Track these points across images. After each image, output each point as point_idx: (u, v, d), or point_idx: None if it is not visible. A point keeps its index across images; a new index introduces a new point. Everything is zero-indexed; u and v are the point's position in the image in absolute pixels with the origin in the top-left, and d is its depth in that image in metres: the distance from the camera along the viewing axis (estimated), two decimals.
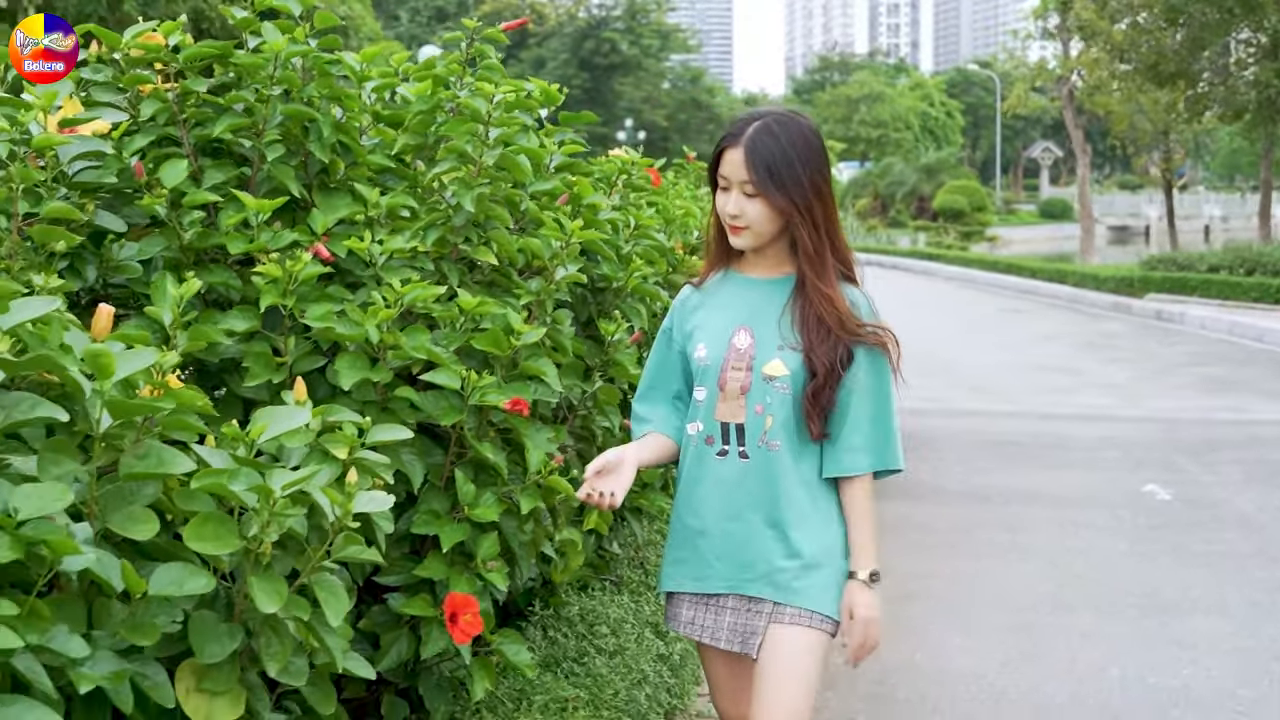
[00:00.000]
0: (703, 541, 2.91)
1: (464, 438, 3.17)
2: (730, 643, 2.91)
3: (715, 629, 2.93)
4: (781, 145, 2.78)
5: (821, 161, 2.85)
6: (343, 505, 2.45)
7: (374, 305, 3.03)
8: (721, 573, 2.90)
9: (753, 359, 2.86)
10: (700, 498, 2.92)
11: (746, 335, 2.89)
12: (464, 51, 3.58)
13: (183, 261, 3.26)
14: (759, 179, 2.76)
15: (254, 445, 2.49)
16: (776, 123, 2.82)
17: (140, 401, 2.32)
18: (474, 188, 3.36)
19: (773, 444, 2.84)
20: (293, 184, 3.33)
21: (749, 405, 2.85)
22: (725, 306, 2.96)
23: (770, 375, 2.84)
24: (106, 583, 2.18)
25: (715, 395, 2.88)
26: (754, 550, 2.86)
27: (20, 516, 2.01)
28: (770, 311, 2.90)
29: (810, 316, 2.84)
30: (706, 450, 2.90)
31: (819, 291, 2.83)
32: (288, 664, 2.44)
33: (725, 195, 2.85)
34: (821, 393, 2.81)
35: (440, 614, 3.01)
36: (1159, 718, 4.79)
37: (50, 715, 1.98)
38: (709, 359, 2.90)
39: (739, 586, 2.88)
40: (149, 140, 3.33)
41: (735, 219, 2.83)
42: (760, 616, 2.87)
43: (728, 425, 2.88)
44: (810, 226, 2.82)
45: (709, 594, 2.93)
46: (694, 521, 2.93)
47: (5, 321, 2.16)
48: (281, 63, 3.33)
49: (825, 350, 2.81)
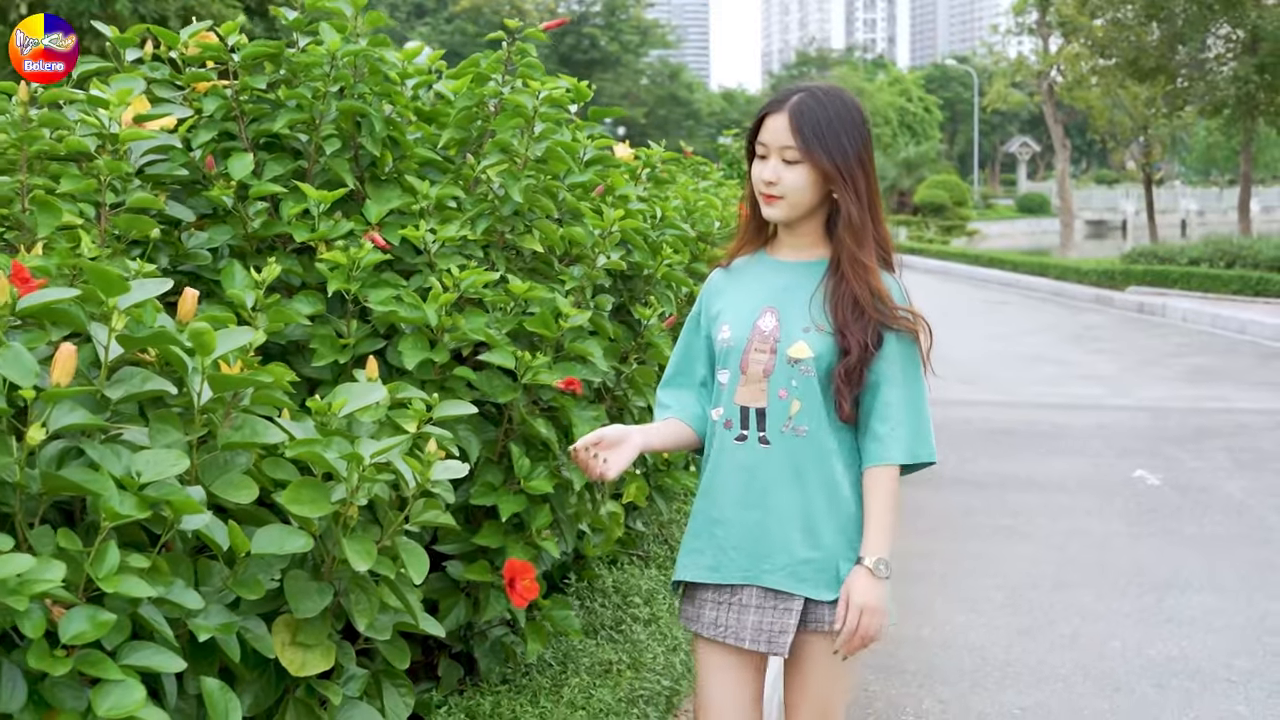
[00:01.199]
0: (720, 530, 2.77)
1: (517, 415, 3.36)
2: (755, 643, 2.73)
3: (739, 629, 2.74)
4: (827, 112, 2.68)
5: (866, 135, 2.74)
6: (422, 473, 2.63)
7: (433, 290, 3.21)
8: (738, 562, 2.74)
9: (777, 341, 2.73)
10: (718, 484, 2.78)
11: (771, 317, 2.76)
12: (506, 50, 3.75)
13: (247, 249, 3.43)
14: (803, 141, 2.65)
15: (335, 418, 2.68)
16: (822, 91, 2.72)
17: (241, 376, 2.50)
18: (520, 179, 3.54)
19: (800, 429, 2.71)
20: (348, 176, 3.51)
21: (771, 389, 2.72)
22: (752, 288, 2.83)
23: (795, 358, 2.70)
24: (214, 542, 2.36)
25: (737, 378, 2.76)
26: (773, 540, 2.72)
27: (143, 479, 2.19)
28: (799, 293, 2.76)
29: (845, 294, 2.71)
30: (726, 435, 2.77)
31: (857, 263, 2.71)
32: (374, 620, 2.62)
33: (763, 164, 2.72)
34: (854, 371, 2.68)
35: (497, 580, 3.20)
36: (1160, 686, 5.00)
37: (175, 659, 2.16)
38: (733, 340, 2.77)
39: (756, 577, 2.72)
40: (211, 135, 3.50)
41: (771, 186, 2.70)
42: (789, 614, 2.70)
43: (748, 410, 2.74)
44: (853, 196, 2.70)
45: (727, 586, 2.77)
46: (712, 509, 2.79)
47: (124, 302, 2.33)
48: (338, 61, 3.50)
49: (859, 329, 2.68)
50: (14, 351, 2.14)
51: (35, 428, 2.08)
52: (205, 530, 2.34)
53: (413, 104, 3.92)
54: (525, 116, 3.62)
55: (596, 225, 3.63)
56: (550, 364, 3.31)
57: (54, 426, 2.13)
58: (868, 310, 2.70)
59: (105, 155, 2.95)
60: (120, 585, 2.07)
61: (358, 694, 2.70)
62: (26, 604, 1.93)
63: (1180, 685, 5.02)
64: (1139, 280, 23.01)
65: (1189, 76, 27.06)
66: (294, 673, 2.53)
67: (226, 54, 3.62)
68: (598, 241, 3.65)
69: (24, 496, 2.15)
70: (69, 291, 2.27)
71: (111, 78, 3.42)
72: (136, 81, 3.30)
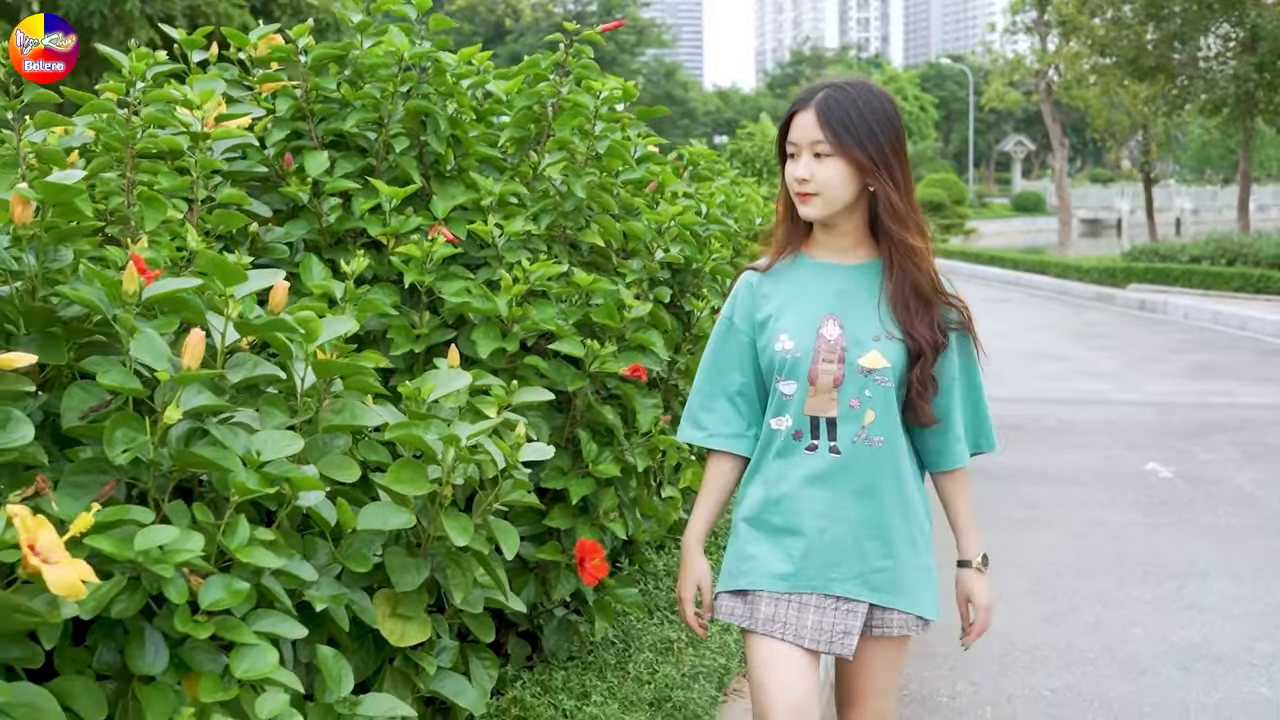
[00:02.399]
0: (788, 539, 2.73)
1: (582, 402, 3.49)
2: (816, 642, 2.70)
3: (799, 626, 2.71)
4: (856, 104, 2.64)
5: (897, 125, 2.71)
6: (510, 455, 2.77)
7: (504, 282, 3.35)
8: (808, 571, 2.71)
9: (844, 350, 2.68)
10: (786, 494, 2.73)
11: (835, 325, 2.71)
12: (564, 52, 3.89)
13: (320, 243, 3.57)
14: (833, 135, 2.62)
15: (425, 403, 2.82)
16: (848, 85, 2.69)
17: (343, 362, 2.63)
18: (582, 176, 3.68)
19: (874, 439, 2.69)
20: (415, 173, 3.65)
21: (842, 399, 2.68)
22: (807, 294, 2.76)
23: (869, 368, 2.67)
24: (321, 518, 2.49)
25: (805, 389, 2.70)
26: (846, 549, 2.70)
27: (262, 458, 2.32)
28: (861, 299, 2.73)
29: (905, 287, 2.69)
30: (795, 445, 2.73)
31: (907, 248, 2.69)
32: (469, 594, 2.76)
33: (794, 163, 2.69)
34: (928, 375, 2.69)
35: (566, 560, 3.34)
36: (1185, 669, 5.15)
37: (297, 627, 2.30)
38: (797, 351, 2.71)
39: (826, 586, 2.71)
40: (284, 134, 3.63)
41: (804, 183, 2.66)
42: (854, 616, 2.70)
43: (818, 419, 2.70)
44: (890, 184, 2.66)
45: (789, 593, 2.73)
46: (778, 519, 2.74)
47: (240, 290, 2.47)
48: (405, 63, 3.63)
49: (924, 325, 2.68)
50: (148, 337, 2.28)
51: (172, 408, 2.21)
52: (315, 507, 2.48)
53: (471, 104, 4.05)
54: (586, 116, 3.75)
55: (654, 220, 3.76)
56: (615, 353, 3.45)
57: (184, 408, 2.27)
58: (927, 300, 2.70)
59: (198, 153, 3.08)
60: (252, 556, 2.21)
61: (450, 665, 2.83)
62: (172, 572, 2.07)
63: (1204, 669, 5.16)
64: (1140, 278, 23.18)
65: (1189, 75, 27.23)
66: (394, 643, 2.66)
67: (295, 55, 3.75)
68: (655, 236, 3.79)
69: (156, 473, 2.28)
70: (192, 281, 2.40)
71: (191, 79, 3.55)
72: (217, 83, 3.43)
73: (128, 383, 2.22)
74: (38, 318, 2.38)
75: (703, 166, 4.79)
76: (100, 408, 2.32)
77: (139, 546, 2.04)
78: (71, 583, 1.80)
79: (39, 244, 2.40)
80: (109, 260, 2.63)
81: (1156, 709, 4.76)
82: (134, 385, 2.22)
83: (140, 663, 2.14)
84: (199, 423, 2.38)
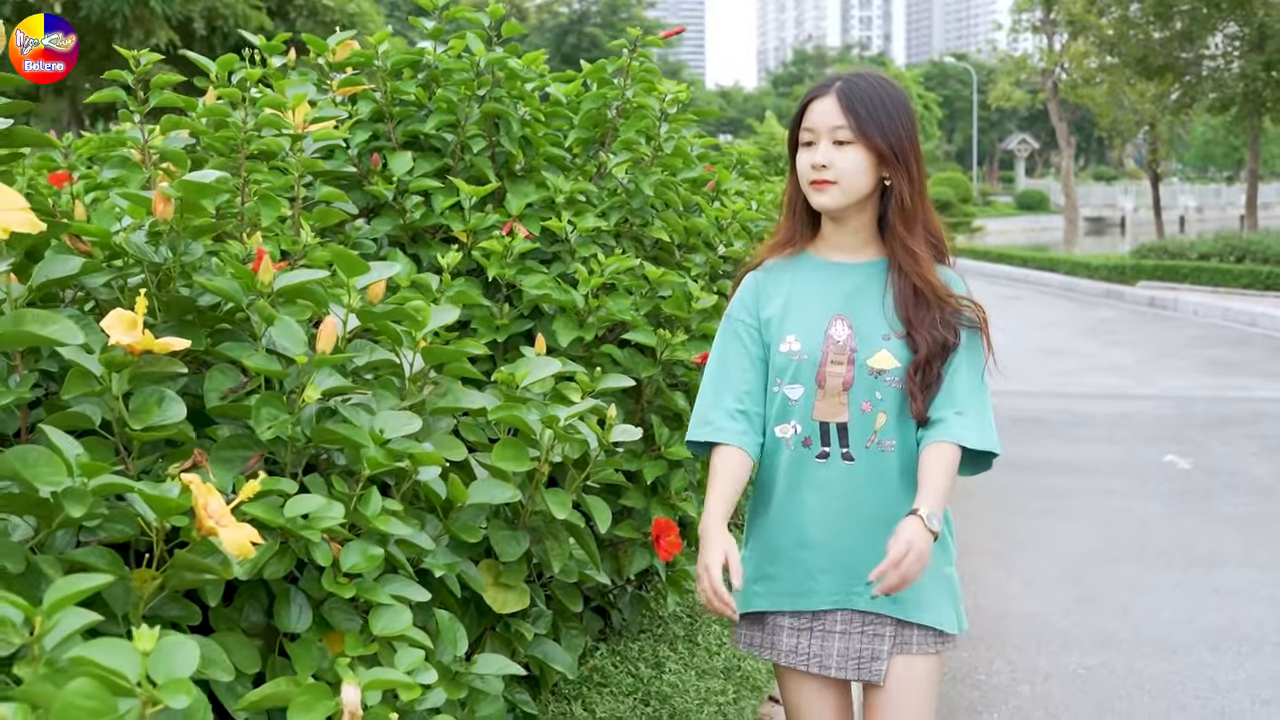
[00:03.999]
0: (805, 554, 2.63)
1: (653, 388, 3.69)
2: (842, 669, 2.62)
3: (824, 656, 2.63)
4: (878, 92, 2.58)
5: (914, 119, 2.64)
6: (602, 436, 2.96)
7: (580, 275, 3.54)
8: (828, 586, 2.62)
9: (854, 351, 2.59)
10: (800, 505, 2.64)
11: (844, 325, 2.62)
12: (628, 57, 4.08)
13: (403, 238, 3.76)
14: (857, 120, 2.54)
15: (519, 388, 3.01)
16: (868, 74, 2.63)
17: (450, 349, 2.83)
18: (650, 175, 3.88)
19: (886, 444, 2.60)
20: (490, 172, 3.84)
21: (853, 403, 2.59)
22: (814, 293, 2.68)
23: (879, 369, 2.58)
24: (434, 492, 2.69)
25: (813, 393, 2.61)
26: (866, 561, 2.53)
27: (385, 435, 2.52)
28: (869, 298, 2.64)
29: (905, 288, 2.61)
30: (805, 453, 2.63)
31: (907, 251, 2.61)
32: (566, 565, 2.95)
33: (810, 150, 2.60)
34: (923, 367, 2.57)
35: (640, 537, 3.53)
36: (1214, 649, 5.34)
37: (421, 590, 2.49)
38: (804, 352, 2.62)
39: (848, 600, 2.61)
40: (367, 135, 3.83)
41: (822, 170, 2.56)
42: (882, 640, 2.61)
43: (828, 425, 2.61)
44: (906, 180, 2.59)
45: (812, 612, 2.65)
46: (792, 533, 2.65)
47: (360, 281, 2.66)
48: (483, 68, 3.83)
49: (925, 324, 2.57)
50: (286, 323, 2.47)
51: (311, 389, 2.41)
52: (428, 482, 2.67)
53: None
54: (651, 119, 3.95)
55: (720, 216, 3.95)
56: (684, 342, 3.64)
57: (319, 389, 2.46)
58: (930, 300, 2.59)
59: (297, 154, 3.27)
60: (386, 525, 2.40)
61: (545, 631, 3.03)
62: (318, 537, 2.26)
63: (1232, 649, 5.35)
64: (1149, 275, 23.37)
65: (1196, 74, 27.40)
66: (497, 610, 2.85)
67: (373, 60, 3.94)
68: (717, 232, 3.98)
69: (293, 448, 2.47)
70: (320, 273, 2.60)
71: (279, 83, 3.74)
72: (307, 87, 3.62)
73: (270, 365, 2.41)
74: (176, 306, 2.57)
75: (750, 165, 4.98)
76: (237, 389, 2.51)
77: (288, 514, 2.23)
78: (242, 543, 1.99)
79: (175, 238, 2.59)
80: (228, 253, 2.82)
81: (1188, 685, 4.95)
82: (275, 368, 2.42)
83: (287, 621, 2.34)
84: (325, 403, 2.57)
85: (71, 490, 1.91)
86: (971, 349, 2.65)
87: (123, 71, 3.11)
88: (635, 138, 3.94)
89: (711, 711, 3.52)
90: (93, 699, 1.47)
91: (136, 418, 2.22)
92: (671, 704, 3.40)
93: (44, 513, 2.03)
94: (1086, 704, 4.78)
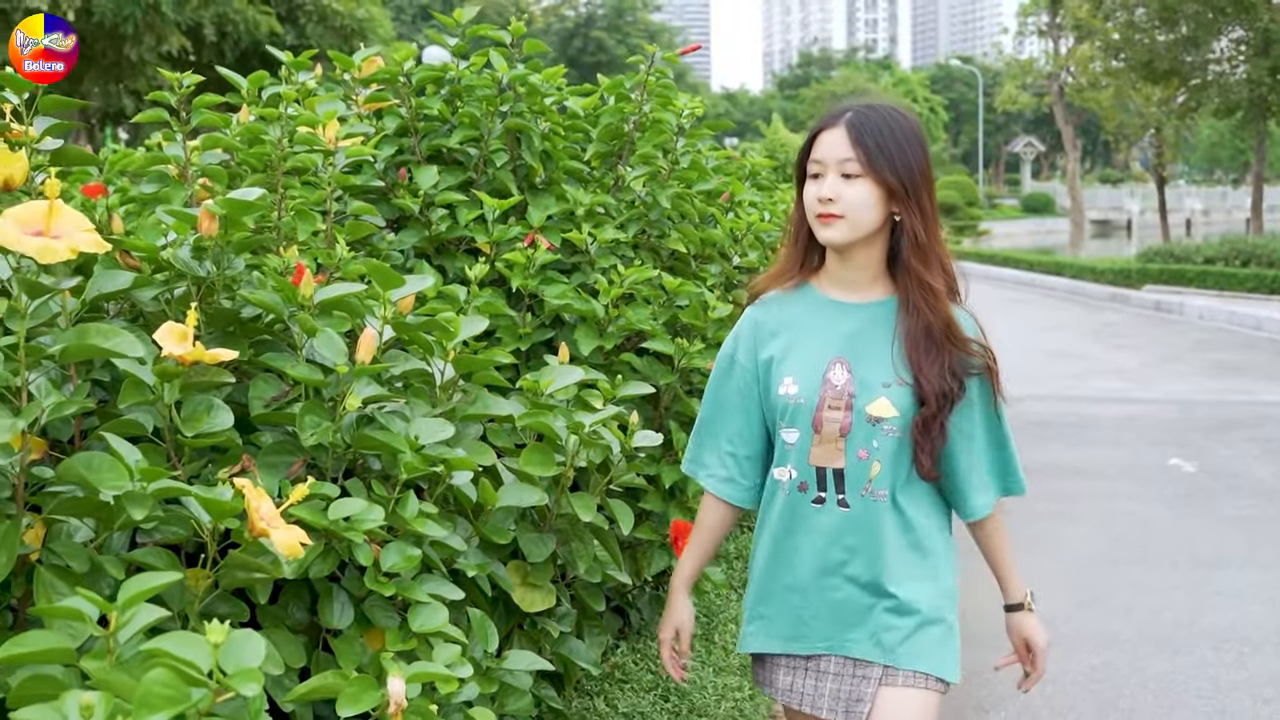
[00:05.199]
0: (797, 598, 2.61)
1: (670, 395, 3.81)
2: (833, 710, 2.59)
3: (816, 696, 2.61)
4: (888, 124, 2.50)
5: (926, 152, 2.56)
6: (624, 441, 3.09)
7: (600, 285, 3.67)
8: (821, 632, 2.59)
9: (852, 397, 2.52)
10: (794, 549, 2.60)
11: (843, 370, 2.55)
12: (645, 74, 4.21)
13: (428, 249, 3.89)
14: (866, 153, 2.46)
15: (544, 395, 3.13)
16: (879, 105, 2.56)
17: (480, 358, 2.95)
18: (667, 188, 4.00)
19: (878, 493, 2.53)
20: (512, 186, 3.97)
21: (849, 450, 2.53)
22: (815, 334, 2.60)
23: (877, 416, 2.51)
24: (465, 496, 2.81)
25: (809, 438, 2.55)
26: (857, 608, 2.56)
27: (420, 441, 2.64)
28: (873, 342, 2.57)
29: (918, 332, 2.53)
30: (801, 498, 2.58)
31: (925, 287, 2.52)
32: (591, 565, 3.08)
33: (818, 183, 2.52)
34: (932, 423, 2.51)
35: (660, 539, 3.65)
36: (1216, 649, 5.46)
37: (456, 590, 2.61)
38: (801, 396, 2.55)
39: (839, 647, 2.59)
40: (393, 150, 3.96)
41: (829, 204, 2.48)
42: (868, 682, 2.57)
43: (824, 470, 2.55)
44: (918, 215, 2.51)
45: (805, 655, 2.63)
46: (786, 577, 2.62)
47: (397, 294, 2.78)
48: (505, 84, 3.96)
49: (934, 371, 2.50)
50: (328, 335, 2.60)
51: (352, 398, 2.53)
52: (460, 486, 2.80)
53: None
54: (669, 133, 4.07)
55: (735, 227, 4.08)
56: (701, 350, 3.76)
57: (360, 398, 2.58)
58: (940, 344, 2.52)
59: (330, 169, 3.39)
60: (423, 527, 2.52)
61: (569, 629, 3.15)
62: (361, 538, 2.38)
63: (1234, 649, 5.47)
64: (1155, 279, 23.48)
65: (1202, 79, 27.50)
66: (525, 609, 2.98)
67: (398, 76, 4.07)
68: (731, 243, 4.11)
69: (334, 454, 2.60)
70: (358, 286, 2.72)
71: (309, 101, 3.86)
72: (337, 104, 3.74)
73: (313, 375, 2.54)
74: (219, 319, 2.70)
75: (763, 177, 5.11)
76: (280, 397, 2.64)
77: (332, 516, 2.36)
78: (292, 544, 2.11)
79: (218, 253, 2.71)
80: (269, 267, 2.94)
81: (1191, 685, 5.07)
82: (318, 377, 2.54)
83: (331, 618, 2.47)
84: (364, 410, 2.69)
85: (132, 494, 2.04)
86: (985, 400, 2.61)
87: (166, 92, 3.23)
88: (653, 151, 4.07)
89: (729, 708, 3.65)
90: (169, 688, 1.58)
91: (188, 425, 2.34)
92: (691, 700, 3.52)
93: (104, 515, 2.17)
94: (1091, 703, 4.90)
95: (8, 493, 2.11)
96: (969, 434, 2.59)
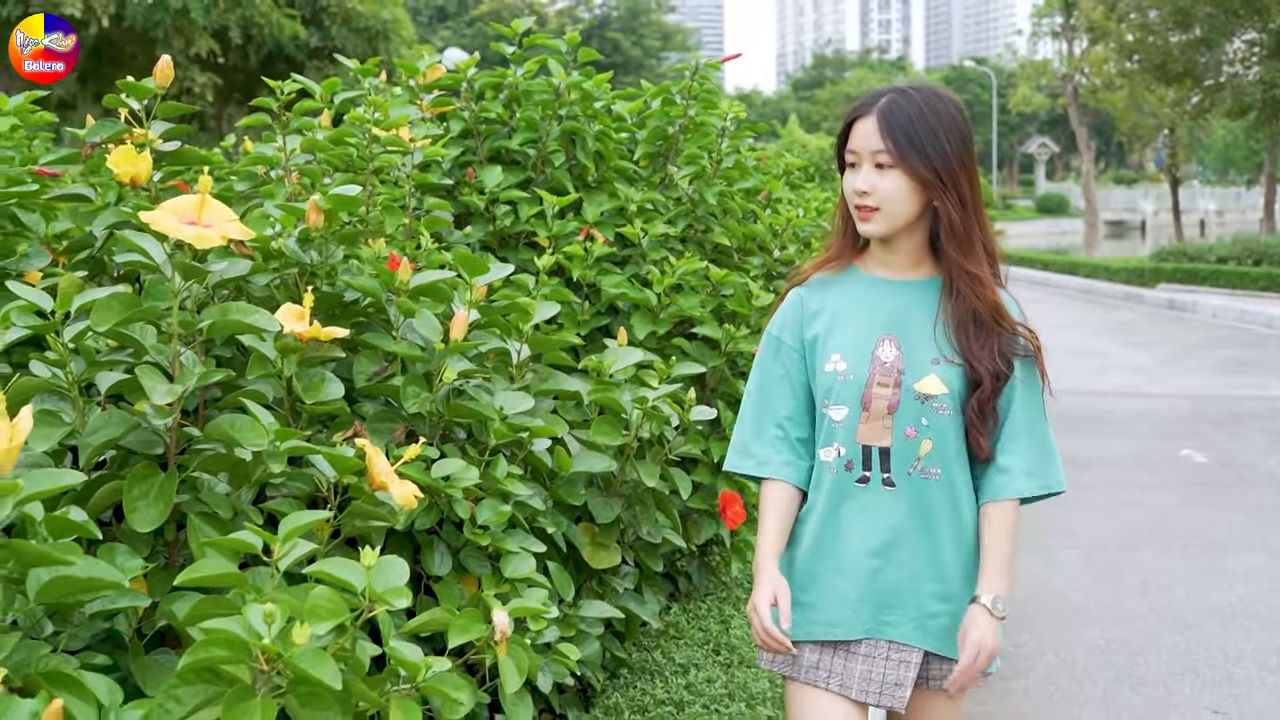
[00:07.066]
0: (840, 581, 2.52)
1: (717, 376, 4.12)
2: (863, 693, 2.50)
3: (845, 676, 2.52)
4: (920, 110, 2.44)
5: (966, 135, 2.48)
6: (683, 415, 3.40)
7: (653, 276, 3.98)
8: (861, 616, 2.51)
9: (900, 374, 2.48)
10: (837, 531, 2.53)
11: (891, 346, 2.51)
12: (689, 80, 4.52)
13: (491, 243, 4.20)
14: (895, 144, 2.42)
15: (607, 375, 3.44)
16: (913, 90, 2.50)
17: (554, 339, 3.27)
18: (713, 186, 4.32)
19: (930, 471, 2.48)
20: (569, 184, 4.28)
21: (897, 427, 2.48)
22: (861, 312, 2.56)
23: (926, 394, 2.47)
24: (541, 462, 3.13)
25: (858, 415, 2.50)
26: (901, 591, 2.50)
27: (504, 412, 2.95)
28: (919, 318, 2.53)
29: (964, 315, 2.49)
30: (847, 477, 2.52)
31: (968, 275, 2.48)
32: (652, 528, 3.39)
33: (854, 173, 2.49)
34: (988, 405, 2.48)
35: (709, 508, 3.96)
36: (1226, 625, 5.75)
37: (538, 543, 2.92)
38: (849, 373, 2.50)
39: (879, 631, 2.51)
40: (459, 151, 4.27)
41: (864, 196, 2.46)
42: (906, 667, 2.50)
43: (870, 449, 2.50)
44: (956, 202, 2.45)
45: (839, 640, 2.54)
46: (829, 559, 2.54)
47: (481, 281, 3.10)
48: (563, 89, 4.27)
49: (985, 355, 2.47)
50: (425, 316, 2.91)
51: (448, 371, 2.85)
52: (537, 453, 3.11)
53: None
54: (713, 134, 4.39)
55: (775, 223, 4.40)
56: (746, 335, 4.08)
57: (454, 371, 2.90)
58: (990, 328, 2.49)
59: (408, 168, 3.71)
60: (512, 486, 2.84)
61: (632, 587, 3.47)
62: (460, 495, 2.70)
63: (1241, 624, 5.76)
64: (1168, 278, 23.75)
65: (1215, 80, 27.74)
66: (594, 566, 3.30)
67: (461, 82, 4.39)
68: (772, 237, 4.42)
69: (431, 421, 2.91)
70: (447, 273, 3.04)
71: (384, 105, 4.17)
72: (410, 108, 4.06)
73: (413, 351, 2.85)
74: (323, 302, 3.01)
75: (794, 176, 5.43)
76: (380, 372, 2.96)
77: (435, 474, 2.68)
78: (407, 496, 2.42)
79: (322, 243, 3.03)
80: (367, 256, 3.26)
81: (1201, 655, 5.36)
82: (417, 353, 2.86)
83: (432, 565, 2.79)
84: (455, 384, 3.01)
85: (269, 451, 2.35)
86: (1027, 381, 2.54)
87: (269, 99, 3.55)
88: (698, 152, 4.38)
89: None
90: (331, 602, 1.90)
91: (308, 394, 2.65)
92: (739, 653, 3.83)
93: (239, 471, 2.48)
94: (1107, 670, 5.20)
95: (160, 449, 2.42)
96: (1006, 411, 2.52)
